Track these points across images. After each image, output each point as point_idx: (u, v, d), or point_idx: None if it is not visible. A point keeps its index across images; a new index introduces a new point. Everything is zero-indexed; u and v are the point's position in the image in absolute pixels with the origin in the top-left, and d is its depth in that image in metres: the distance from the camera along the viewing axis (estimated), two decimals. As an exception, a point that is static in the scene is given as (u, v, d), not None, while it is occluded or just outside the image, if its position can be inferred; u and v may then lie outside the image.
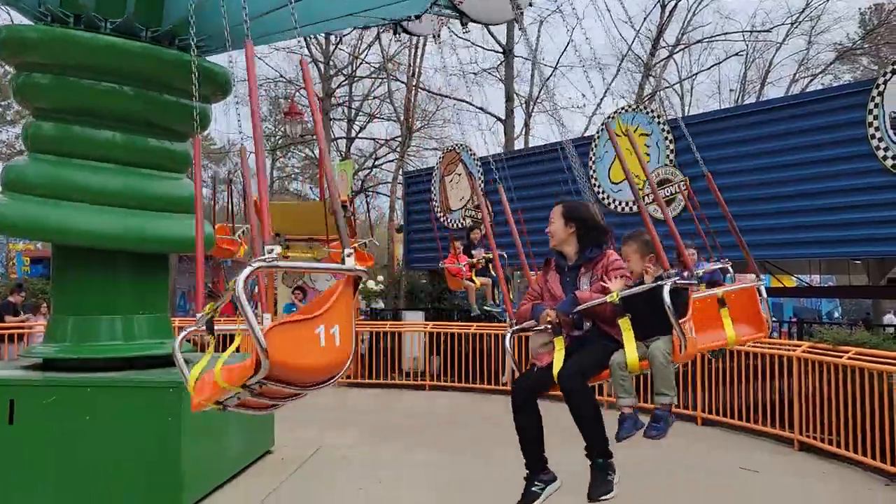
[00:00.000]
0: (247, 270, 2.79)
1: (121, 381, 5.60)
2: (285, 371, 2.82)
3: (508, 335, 4.17)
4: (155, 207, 6.22)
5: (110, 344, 6.10)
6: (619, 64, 23.64)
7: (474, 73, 20.60)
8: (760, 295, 4.30)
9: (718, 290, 3.90)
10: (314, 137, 19.44)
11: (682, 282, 3.63)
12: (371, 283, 21.06)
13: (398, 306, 19.02)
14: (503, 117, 20.36)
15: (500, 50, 21.02)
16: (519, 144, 21.78)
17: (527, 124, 24.45)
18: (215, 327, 3.41)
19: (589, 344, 3.85)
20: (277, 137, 29.41)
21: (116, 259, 6.20)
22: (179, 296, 20.27)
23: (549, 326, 3.87)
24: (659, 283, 3.57)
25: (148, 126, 6.32)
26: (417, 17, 7.87)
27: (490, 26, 8.80)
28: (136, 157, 6.21)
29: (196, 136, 4.61)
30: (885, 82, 8.26)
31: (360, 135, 27.97)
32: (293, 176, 34.15)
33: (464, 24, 8.02)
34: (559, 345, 3.80)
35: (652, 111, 11.89)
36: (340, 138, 27.26)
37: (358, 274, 3.01)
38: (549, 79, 24.00)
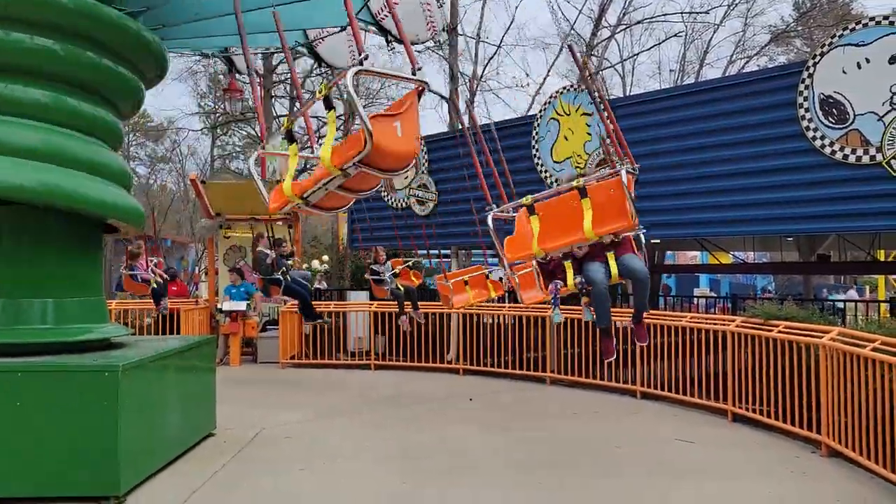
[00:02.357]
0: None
1: (53, 366, 5.42)
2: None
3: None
4: (78, 168, 5.90)
5: (41, 328, 5.89)
6: (562, 44, 23.79)
7: (417, 51, 20.40)
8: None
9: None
10: (254, 115, 19.03)
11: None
12: (316, 263, 20.90)
13: (343, 286, 18.91)
14: (447, 96, 20.24)
15: (444, 28, 20.84)
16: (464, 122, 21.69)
17: (471, 103, 24.38)
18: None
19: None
20: (218, 115, 28.75)
21: (47, 238, 5.98)
22: (117, 278, 19.70)
23: None
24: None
25: (77, 88, 6.04)
26: (342, 28, 7.74)
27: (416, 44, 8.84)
28: (61, 117, 5.91)
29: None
30: (814, 64, 8.48)
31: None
32: (234, 154, 33.47)
33: (388, 42, 7.97)
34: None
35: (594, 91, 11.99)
36: (283, 116, 26.80)
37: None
38: (492, 58, 24.01)
